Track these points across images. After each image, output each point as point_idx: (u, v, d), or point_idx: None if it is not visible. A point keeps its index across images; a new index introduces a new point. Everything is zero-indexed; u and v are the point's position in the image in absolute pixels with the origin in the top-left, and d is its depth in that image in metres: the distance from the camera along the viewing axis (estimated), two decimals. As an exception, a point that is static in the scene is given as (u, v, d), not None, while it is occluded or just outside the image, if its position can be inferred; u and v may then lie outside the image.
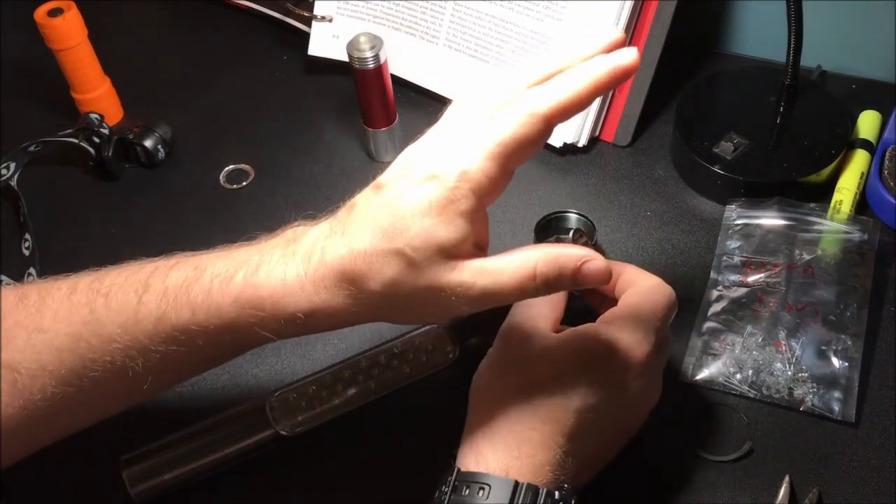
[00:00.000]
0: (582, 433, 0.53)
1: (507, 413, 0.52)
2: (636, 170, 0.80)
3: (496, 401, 0.53)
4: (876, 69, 0.84)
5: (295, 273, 0.49)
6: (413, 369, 0.63)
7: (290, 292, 0.49)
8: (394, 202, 0.48)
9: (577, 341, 0.53)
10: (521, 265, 0.49)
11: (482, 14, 0.83)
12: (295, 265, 0.50)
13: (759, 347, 0.65)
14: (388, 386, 0.62)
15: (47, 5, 0.81)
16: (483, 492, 0.50)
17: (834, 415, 0.61)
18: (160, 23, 1.03)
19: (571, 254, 0.49)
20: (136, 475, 0.59)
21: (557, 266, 0.49)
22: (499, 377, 0.54)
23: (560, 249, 0.49)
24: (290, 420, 0.61)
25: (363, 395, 0.62)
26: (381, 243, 0.48)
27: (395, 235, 0.47)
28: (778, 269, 0.68)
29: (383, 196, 0.49)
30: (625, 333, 0.54)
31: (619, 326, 0.54)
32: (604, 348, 0.53)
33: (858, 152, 0.76)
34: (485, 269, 0.49)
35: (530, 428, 0.52)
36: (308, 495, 0.61)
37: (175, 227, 0.79)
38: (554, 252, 0.49)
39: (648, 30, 0.79)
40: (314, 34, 0.90)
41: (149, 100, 0.92)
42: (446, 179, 0.47)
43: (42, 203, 0.81)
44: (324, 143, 0.85)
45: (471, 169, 0.47)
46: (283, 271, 0.50)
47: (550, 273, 0.48)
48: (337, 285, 0.49)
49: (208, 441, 0.60)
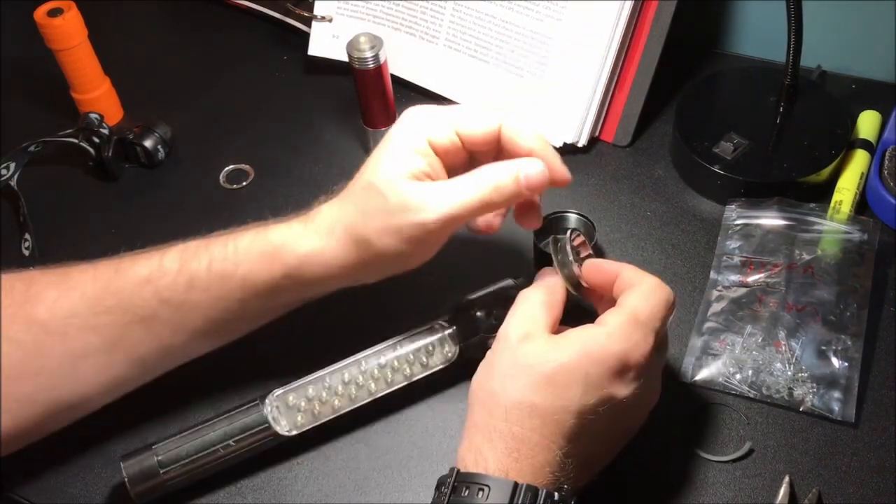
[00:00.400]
0: (582, 434, 0.52)
1: (506, 413, 0.52)
2: (636, 170, 0.80)
3: (494, 401, 0.53)
4: (876, 69, 0.84)
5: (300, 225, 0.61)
6: (413, 369, 0.63)
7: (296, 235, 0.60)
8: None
9: (576, 343, 0.53)
10: (469, 184, 0.57)
11: (482, 14, 0.83)
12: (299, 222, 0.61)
13: (759, 347, 0.65)
14: (389, 386, 0.62)
15: (47, 5, 0.81)
16: (482, 493, 0.50)
17: (834, 415, 0.61)
18: (160, 23, 1.03)
19: (510, 168, 0.58)
20: (136, 475, 0.59)
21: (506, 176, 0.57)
22: (497, 378, 0.54)
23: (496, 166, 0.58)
24: (289, 420, 0.61)
25: (363, 396, 0.62)
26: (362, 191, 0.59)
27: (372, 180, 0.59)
28: (778, 269, 0.68)
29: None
30: (624, 335, 0.53)
31: (619, 328, 0.54)
32: (603, 350, 0.53)
33: (858, 152, 0.76)
34: (447, 184, 0.58)
35: (530, 429, 0.52)
36: (308, 495, 0.61)
37: (175, 227, 0.78)
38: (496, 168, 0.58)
39: (648, 30, 0.79)
40: (314, 34, 0.90)
41: (149, 100, 0.92)
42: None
43: (42, 203, 0.81)
44: (324, 143, 0.85)
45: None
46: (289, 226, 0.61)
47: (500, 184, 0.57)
48: (329, 231, 0.59)
49: (207, 441, 0.60)
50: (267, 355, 0.68)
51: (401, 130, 0.60)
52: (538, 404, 0.52)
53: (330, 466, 0.62)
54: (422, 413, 0.65)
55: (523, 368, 0.53)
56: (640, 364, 0.53)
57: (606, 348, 0.53)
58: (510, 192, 0.58)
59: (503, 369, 0.54)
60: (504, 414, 0.52)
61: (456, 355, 0.63)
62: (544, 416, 0.52)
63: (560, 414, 0.52)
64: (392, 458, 0.63)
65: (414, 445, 0.63)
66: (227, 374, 0.67)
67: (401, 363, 0.62)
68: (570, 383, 0.52)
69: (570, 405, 0.52)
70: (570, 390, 0.52)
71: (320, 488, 0.61)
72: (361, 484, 0.62)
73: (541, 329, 0.55)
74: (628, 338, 0.53)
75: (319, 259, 0.59)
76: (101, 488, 0.63)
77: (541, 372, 0.53)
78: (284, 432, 0.61)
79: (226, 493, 0.62)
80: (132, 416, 0.66)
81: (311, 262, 0.59)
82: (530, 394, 0.52)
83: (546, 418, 0.52)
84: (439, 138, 0.59)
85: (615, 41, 0.78)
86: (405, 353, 0.63)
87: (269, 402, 0.61)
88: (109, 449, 0.64)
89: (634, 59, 0.80)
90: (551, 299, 0.57)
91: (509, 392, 0.53)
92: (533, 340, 0.54)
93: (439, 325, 0.64)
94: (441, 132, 0.59)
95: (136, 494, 0.59)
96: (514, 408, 0.52)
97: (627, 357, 0.53)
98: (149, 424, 0.66)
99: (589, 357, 0.53)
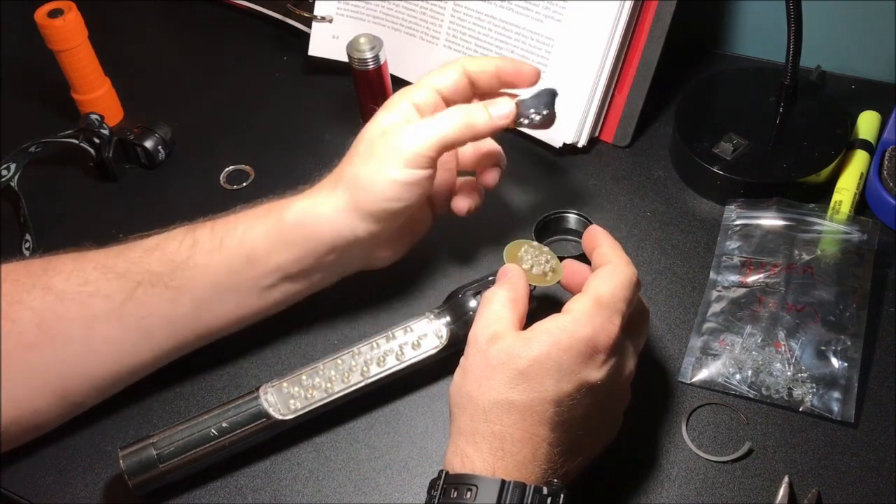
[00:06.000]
0: (563, 422, 0.53)
1: (485, 414, 0.53)
2: (636, 170, 0.80)
3: (473, 404, 0.54)
4: (876, 69, 0.84)
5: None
6: (405, 352, 0.63)
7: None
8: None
9: (543, 334, 0.54)
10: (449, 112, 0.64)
11: (482, 14, 0.83)
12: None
13: (759, 348, 0.65)
14: (381, 368, 0.63)
15: (48, 6, 0.81)
16: (471, 493, 0.50)
17: (833, 415, 0.61)
18: (160, 23, 1.03)
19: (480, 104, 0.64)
20: (134, 466, 0.59)
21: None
22: (472, 381, 0.54)
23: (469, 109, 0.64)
24: (283, 404, 0.61)
25: (357, 382, 0.62)
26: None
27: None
28: (777, 269, 0.68)
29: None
30: (589, 319, 0.54)
31: (583, 313, 0.54)
32: (570, 337, 0.53)
33: (858, 153, 0.76)
34: (425, 119, 0.64)
35: (511, 425, 0.52)
36: (307, 495, 0.61)
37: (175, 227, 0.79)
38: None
39: (648, 30, 0.79)
40: (314, 35, 0.90)
41: (149, 100, 0.92)
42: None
43: (42, 204, 0.81)
44: (324, 143, 0.86)
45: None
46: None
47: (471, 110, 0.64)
48: (321, 187, 0.65)
49: (204, 430, 0.60)
50: (265, 353, 0.69)
51: (386, 104, 0.66)
52: (515, 400, 0.53)
53: (329, 466, 0.63)
54: (422, 413, 0.65)
55: (496, 368, 0.54)
56: (608, 346, 0.54)
57: (573, 334, 0.53)
58: (482, 121, 0.64)
59: (477, 372, 0.54)
60: (484, 415, 0.53)
61: (447, 339, 0.64)
62: (523, 411, 0.52)
63: (538, 405, 0.52)
64: (392, 457, 0.63)
65: (414, 445, 0.63)
66: (224, 369, 0.68)
67: (394, 348, 0.63)
68: (544, 374, 0.53)
69: (546, 396, 0.53)
70: (544, 381, 0.53)
71: (320, 488, 0.62)
72: (361, 484, 0.62)
73: (508, 327, 0.55)
74: (593, 321, 0.54)
75: (313, 210, 0.64)
76: (100, 480, 0.63)
77: (514, 368, 0.53)
78: (279, 416, 0.61)
79: (226, 494, 0.62)
80: (130, 408, 0.66)
81: (307, 213, 0.64)
82: (506, 391, 0.53)
83: (525, 412, 0.52)
84: (423, 98, 0.65)
85: (615, 41, 0.78)
86: (398, 340, 0.63)
87: (265, 390, 0.61)
88: (106, 442, 0.65)
89: (634, 60, 0.80)
90: (515, 296, 0.58)
91: (486, 393, 0.53)
92: (502, 339, 0.54)
93: (430, 312, 0.65)
94: (422, 94, 0.65)
95: (135, 486, 0.60)
96: (492, 407, 0.53)
97: (595, 341, 0.54)
98: (147, 417, 0.66)
99: (558, 346, 0.53)
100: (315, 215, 0.63)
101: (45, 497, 0.62)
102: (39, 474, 0.64)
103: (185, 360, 0.67)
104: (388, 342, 0.64)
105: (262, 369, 0.68)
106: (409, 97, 0.65)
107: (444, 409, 0.64)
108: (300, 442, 0.63)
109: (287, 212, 0.64)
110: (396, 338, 0.64)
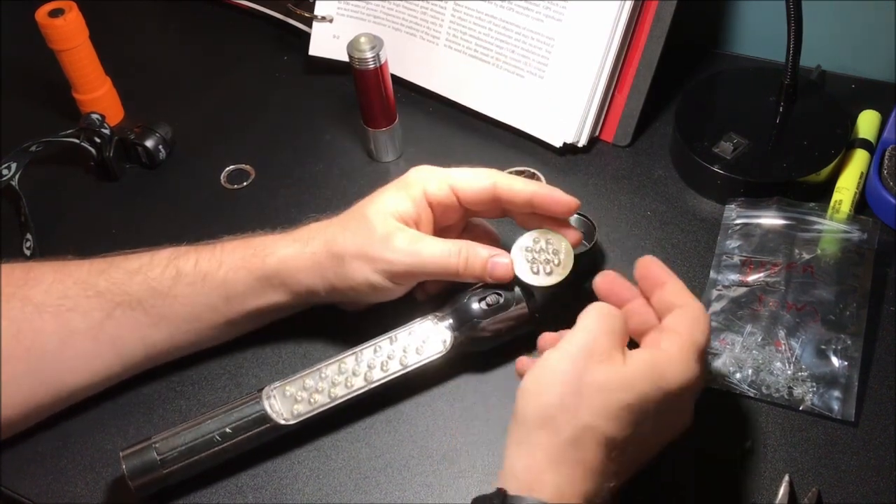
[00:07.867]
0: (624, 459, 0.52)
1: (575, 439, 0.50)
2: (636, 170, 0.80)
3: (564, 421, 0.51)
4: (876, 69, 0.84)
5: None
6: (409, 357, 0.63)
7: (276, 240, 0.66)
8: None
9: (653, 373, 0.52)
10: (445, 247, 0.63)
11: (482, 14, 0.83)
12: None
13: (759, 347, 0.65)
14: (385, 374, 0.63)
15: (48, 6, 0.81)
16: None
17: (833, 414, 0.61)
18: (161, 23, 1.03)
19: (481, 252, 0.63)
20: (135, 469, 0.59)
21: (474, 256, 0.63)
22: (569, 395, 0.51)
23: (475, 246, 0.63)
24: (286, 409, 0.61)
25: (359, 384, 0.62)
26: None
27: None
28: (777, 268, 0.69)
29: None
30: (690, 367, 0.54)
31: (687, 360, 0.54)
32: (678, 383, 0.53)
33: (858, 152, 0.76)
34: (427, 238, 0.63)
35: (593, 456, 0.50)
36: (308, 494, 0.61)
37: (175, 227, 0.79)
38: (469, 245, 0.63)
39: (649, 29, 0.79)
40: (314, 34, 0.90)
41: (149, 100, 0.92)
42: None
43: (43, 203, 0.81)
44: (324, 143, 0.86)
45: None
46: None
47: (471, 260, 0.63)
48: (308, 240, 0.65)
49: (206, 432, 0.60)
50: (267, 355, 0.68)
51: (401, 179, 0.66)
52: (613, 435, 0.51)
53: (330, 465, 0.63)
54: (422, 412, 0.65)
55: (601, 392, 0.51)
56: (695, 391, 0.55)
57: (681, 382, 0.53)
58: (478, 270, 0.63)
59: (574, 387, 0.51)
60: (573, 437, 0.50)
61: (450, 343, 0.63)
62: (613, 447, 0.51)
63: (630, 446, 0.52)
64: (392, 457, 0.63)
65: (414, 445, 0.63)
66: (226, 373, 0.68)
67: (397, 351, 0.63)
68: (645, 415, 0.52)
69: (641, 438, 0.52)
70: (644, 424, 0.52)
71: (320, 487, 0.62)
72: (361, 483, 0.62)
73: (618, 350, 0.53)
74: (693, 369, 0.54)
75: (294, 263, 0.64)
76: (101, 481, 0.63)
77: (621, 399, 0.51)
78: (282, 421, 0.61)
79: (226, 494, 0.62)
80: (132, 410, 0.66)
81: (288, 265, 0.64)
82: (606, 422, 0.50)
83: (615, 450, 0.51)
84: (435, 191, 0.64)
85: (615, 41, 0.78)
86: (401, 343, 0.63)
87: (267, 393, 0.61)
88: (107, 441, 0.65)
89: (634, 60, 0.80)
90: (623, 325, 0.56)
91: (582, 415, 0.50)
92: (611, 362, 0.52)
93: (433, 315, 0.65)
94: (437, 185, 0.64)
95: (137, 488, 0.59)
96: (585, 432, 0.50)
97: (693, 388, 0.54)
98: (148, 419, 0.66)
99: (663, 391, 0.52)
100: (296, 269, 0.64)
101: (45, 496, 0.62)
102: (39, 474, 0.63)
103: (185, 358, 0.67)
104: (390, 344, 0.63)
105: (262, 368, 0.68)
106: (426, 184, 0.64)
107: (445, 409, 0.65)
108: (301, 442, 0.63)
109: (271, 258, 0.64)
110: (399, 340, 0.64)
